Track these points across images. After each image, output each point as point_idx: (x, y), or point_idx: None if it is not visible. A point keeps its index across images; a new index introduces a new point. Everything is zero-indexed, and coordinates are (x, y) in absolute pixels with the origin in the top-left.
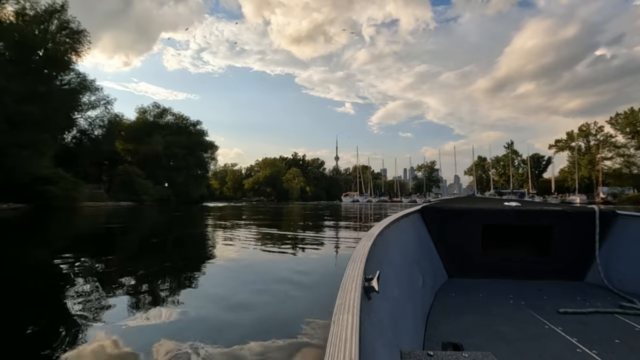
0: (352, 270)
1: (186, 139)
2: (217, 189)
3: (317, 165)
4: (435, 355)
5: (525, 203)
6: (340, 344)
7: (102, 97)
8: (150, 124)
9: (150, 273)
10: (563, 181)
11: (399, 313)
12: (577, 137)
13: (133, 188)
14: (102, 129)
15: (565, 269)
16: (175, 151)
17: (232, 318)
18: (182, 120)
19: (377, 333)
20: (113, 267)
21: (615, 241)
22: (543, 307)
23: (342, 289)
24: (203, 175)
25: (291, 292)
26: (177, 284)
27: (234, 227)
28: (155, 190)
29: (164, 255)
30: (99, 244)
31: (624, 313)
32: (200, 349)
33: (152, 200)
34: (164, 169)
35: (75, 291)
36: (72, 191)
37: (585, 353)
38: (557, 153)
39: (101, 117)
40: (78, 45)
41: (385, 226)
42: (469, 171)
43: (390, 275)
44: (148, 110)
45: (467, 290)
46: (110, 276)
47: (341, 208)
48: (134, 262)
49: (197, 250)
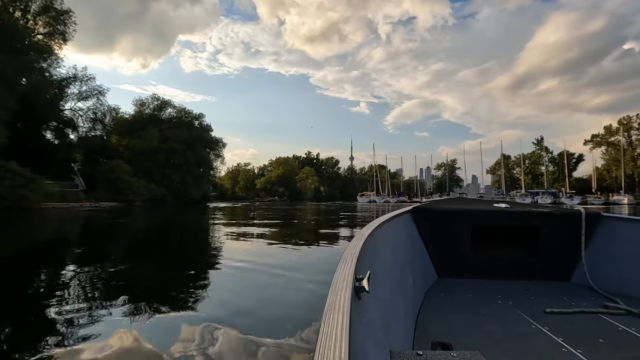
0: (343, 270)
1: (185, 133)
2: (229, 188)
3: (332, 165)
4: (425, 354)
5: (514, 204)
6: (330, 343)
7: (94, 88)
8: (148, 117)
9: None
10: (599, 180)
11: (389, 313)
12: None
13: (118, 186)
14: (94, 122)
15: (552, 270)
16: (172, 146)
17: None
18: (184, 114)
19: (367, 333)
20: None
21: (600, 242)
22: (530, 307)
23: (332, 288)
24: (205, 174)
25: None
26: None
27: (220, 240)
28: (148, 189)
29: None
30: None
31: (608, 313)
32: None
33: (143, 200)
34: (160, 166)
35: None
36: (22, 189)
37: (570, 352)
38: (593, 149)
39: (93, 109)
40: (62, 27)
41: (376, 226)
42: (492, 170)
43: (381, 275)
44: (146, 103)
45: (457, 290)
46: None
47: (357, 209)
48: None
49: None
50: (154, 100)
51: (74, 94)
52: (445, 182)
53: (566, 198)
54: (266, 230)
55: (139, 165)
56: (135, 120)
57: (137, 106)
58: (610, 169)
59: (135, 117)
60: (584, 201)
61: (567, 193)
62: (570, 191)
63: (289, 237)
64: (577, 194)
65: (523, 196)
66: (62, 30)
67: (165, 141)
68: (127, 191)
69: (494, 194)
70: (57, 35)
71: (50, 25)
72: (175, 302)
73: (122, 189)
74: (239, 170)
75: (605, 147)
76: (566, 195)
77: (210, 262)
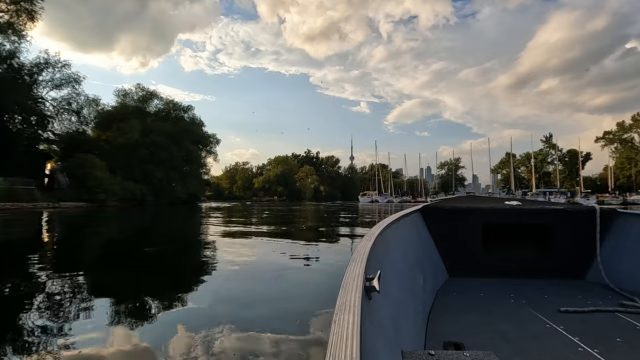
0: (353, 270)
1: (170, 126)
2: (226, 188)
3: (332, 164)
4: (437, 354)
5: (525, 202)
6: (341, 343)
7: (69, 75)
8: (132, 110)
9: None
10: (606, 179)
11: (399, 312)
12: (631, 127)
13: (86, 184)
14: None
15: (566, 268)
16: (155, 140)
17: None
18: (172, 106)
19: (378, 333)
20: None
21: (616, 240)
22: (544, 306)
23: (342, 288)
24: (194, 171)
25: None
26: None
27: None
28: (123, 187)
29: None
30: None
31: (625, 312)
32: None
33: (119, 200)
34: (141, 162)
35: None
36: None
37: (586, 352)
38: (605, 147)
39: (67, 99)
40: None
41: (386, 226)
42: (496, 169)
43: (391, 275)
44: (130, 94)
45: (468, 290)
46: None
47: (359, 209)
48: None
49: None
50: (139, 91)
51: (46, 81)
52: (449, 181)
53: (581, 198)
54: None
55: (117, 161)
56: (118, 112)
57: (119, 97)
58: (624, 167)
59: (117, 109)
60: (600, 201)
61: (582, 192)
62: (585, 190)
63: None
64: (592, 194)
65: (535, 196)
66: (29, 8)
67: (148, 135)
68: (97, 189)
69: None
70: (22, 14)
71: (13, 2)
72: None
73: (91, 187)
74: (236, 169)
75: (618, 144)
76: (581, 194)
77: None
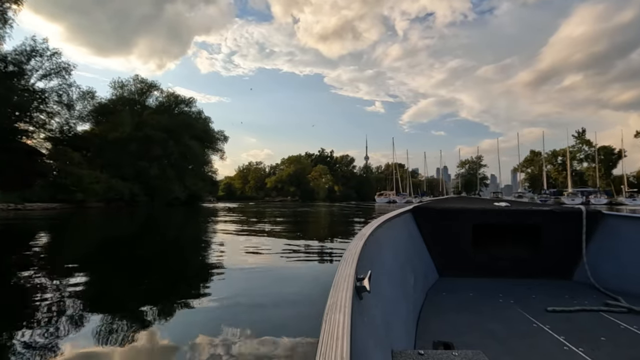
0: (344, 270)
1: (167, 120)
2: (239, 188)
3: (346, 163)
4: (426, 354)
5: (514, 203)
6: (331, 343)
7: (58, 64)
8: (128, 102)
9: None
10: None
11: (390, 312)
12: None
13: (60, 182)
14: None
15: (554, 268)
16: (149, 134)
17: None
18: (174, 99)
19: (368, 332)
20: None
21: (601, 241)
22: (532, 306)
23: (333, 288)
24: (196, 169)
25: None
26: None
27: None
28: (108, 186)
29: None
30: None
31: (609, 311)
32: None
33: (101, 200)
34: (134, 158)
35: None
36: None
37: (572, 350)
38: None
39: (57, 91)
40: None
41: (377, 226)
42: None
43: (382, 274)
44: (127, 85)
45: (458, 289)
46: None
47: (376, 211)
48: None
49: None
50: (137, 82)
51: (31, 70)
52: (471, 180)
53: (626, 198)
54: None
55: (105, 156)
56: (112, 104)
57: (114, 89)
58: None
59: (112, 101)
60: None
61: (626, 192)
62: (631, 189)
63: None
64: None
65: (571, 196)
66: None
67: (142, 129)
68: (73, 188)
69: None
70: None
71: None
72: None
73: (66, 185)
74: (249, 169)
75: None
76: (626, 194)
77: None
